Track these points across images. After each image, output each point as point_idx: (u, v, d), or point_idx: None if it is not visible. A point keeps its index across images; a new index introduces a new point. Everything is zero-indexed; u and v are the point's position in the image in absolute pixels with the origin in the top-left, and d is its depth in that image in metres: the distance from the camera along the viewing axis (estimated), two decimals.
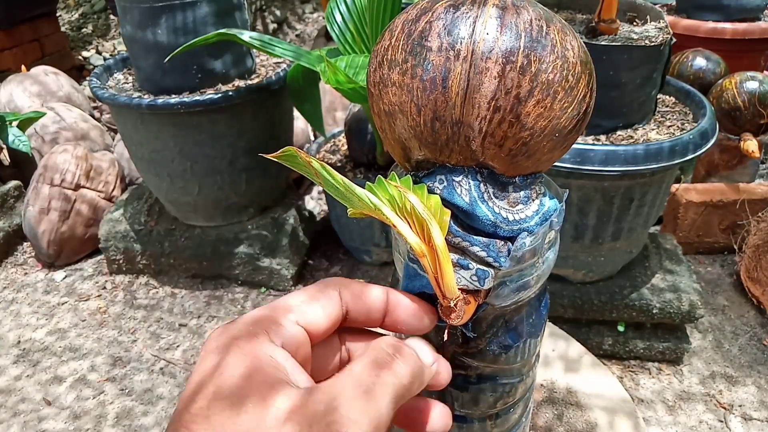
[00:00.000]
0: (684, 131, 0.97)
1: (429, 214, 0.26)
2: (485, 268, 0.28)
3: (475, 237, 0.28)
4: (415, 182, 0.28)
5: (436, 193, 0.28)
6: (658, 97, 1.04)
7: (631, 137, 0.97)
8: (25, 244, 1.62)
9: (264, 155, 0.27)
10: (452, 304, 0.28)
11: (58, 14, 2.64)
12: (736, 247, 1.39)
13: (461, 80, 0.25)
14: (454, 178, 0.28)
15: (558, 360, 0.57)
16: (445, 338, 0.30)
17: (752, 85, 1.35)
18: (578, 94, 0.26)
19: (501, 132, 0.26)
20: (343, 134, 1.48)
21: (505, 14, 0.25)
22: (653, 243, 1.24)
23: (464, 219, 0.28)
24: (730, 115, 1.38)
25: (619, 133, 0.98)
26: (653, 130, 0.99)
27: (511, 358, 0.33)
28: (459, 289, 0.28)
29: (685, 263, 1.19)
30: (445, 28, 0.25)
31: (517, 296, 0.30)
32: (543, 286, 0.34)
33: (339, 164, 1.39)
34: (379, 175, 0.27)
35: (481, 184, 0.27)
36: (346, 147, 1.43)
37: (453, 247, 0.28)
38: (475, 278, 0.28)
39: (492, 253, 0.27)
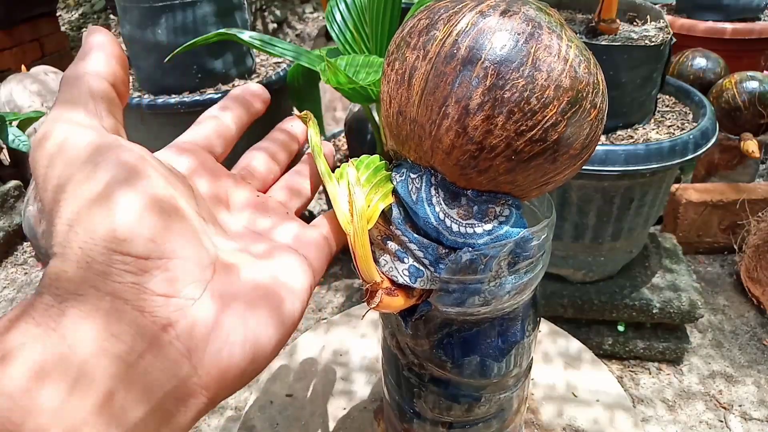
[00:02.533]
0: (684, 131, 0.97)
1: (359, 190, 0.27)
2: (420, 268, 0.27)
3: (414, 235, 0.27)
4: (387, 170, 0.29)
5: (393, 184, 0.28)
6: (658, 96, 1.04)
7: (631, 137, 0.97)
8: (25, 243, 1.62)
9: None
10: (364, 288, 0.27)
11: (58, 14, 2.64)
12: (736, 247, 1.39)
13: (422, 80, 0.25)
14: (411, 174, 0.28)
15: (558, 357, 0.57)
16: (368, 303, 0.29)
17: (752, 85, 1.35)
18: (544, 120, 0.24)
19: (448, 140, 0.25)
20: (343, 134, 1.48)
21: (486, 21, 0.24)
22: (653, 243, 1.24)
23: (413, 216, 0.28)
24: (730, 115, 1.38)
25: (619, 132, 0.98)
26: (653, 129, 0.99)
27: (462, 370, 0.33)
28: (390, 280, 0.28)
29: (685, 263, 1.19)
30: (425, 28, 0.25)
31: (460, 309, 0.29)
32: (517, 315, 0.33)
33: (339, 164, 1.39)
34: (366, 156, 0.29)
35: (433, 188, 0.27)
36: (346, 147, 1.43)
37: (396, 238, 0.28)
38: (406, 273, 0.28)
39: (429, 256, 0.27)
